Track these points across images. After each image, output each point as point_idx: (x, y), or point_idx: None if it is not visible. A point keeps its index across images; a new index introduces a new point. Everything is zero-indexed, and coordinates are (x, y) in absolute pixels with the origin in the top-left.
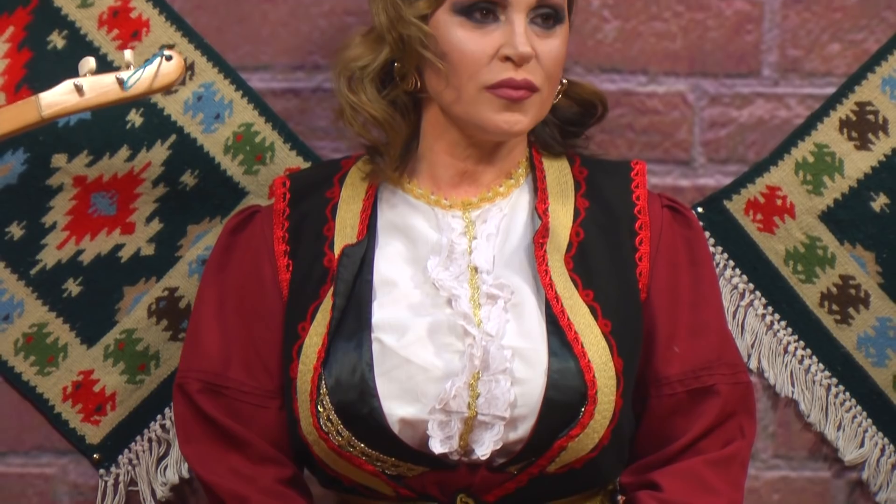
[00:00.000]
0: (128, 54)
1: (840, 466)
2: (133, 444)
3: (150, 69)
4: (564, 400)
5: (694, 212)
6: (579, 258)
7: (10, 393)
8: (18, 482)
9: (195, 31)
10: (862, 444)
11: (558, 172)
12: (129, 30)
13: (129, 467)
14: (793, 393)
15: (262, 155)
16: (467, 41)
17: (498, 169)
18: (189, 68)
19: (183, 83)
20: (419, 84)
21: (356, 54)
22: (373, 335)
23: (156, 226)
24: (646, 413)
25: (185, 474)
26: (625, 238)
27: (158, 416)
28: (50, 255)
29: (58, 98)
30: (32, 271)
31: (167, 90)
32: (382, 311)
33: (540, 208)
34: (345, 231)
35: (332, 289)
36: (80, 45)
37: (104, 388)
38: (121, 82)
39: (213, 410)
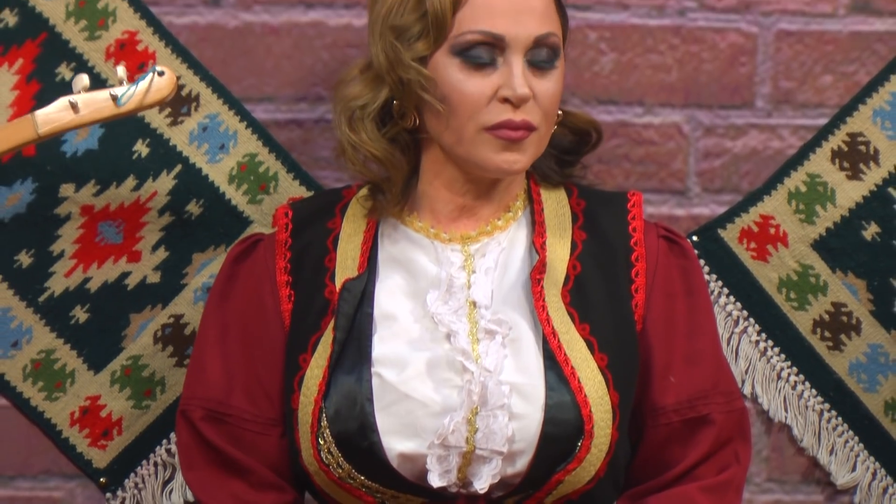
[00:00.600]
0: (120, 70)
1: (832, 490)
2: (139, 468)
3: (142, 85)
4: (561, 435)
5: (689, 240)
6: (576, 292)
7: (18, 418)
8: None
9: (200, 64)
10: (854, 469)
11: (556, 204)
12: (135, 62)
13: (135, 491)
14: (786, 418)
15: (266, 184)
16: (466, 83)
17: (496, 203)
18: (194, 100)
19: (187, 114)
20: (418, 122)
21: (356, 93)
22: (373, 369)
23: (161, 254)
24: (642, 441)
25: (190, 498)
26: (621, 270)
27: (164, 441)
28: (58, 283)
29: (53, 115)
30: (41, 298)
31: (159, 105)
32: (383, 346)
33: (537, 242)
34: (346, 263)
35: (332, 322)
36: (88, 77)
37: (111, 413)
38: (114, 98)
39: (216, 438)
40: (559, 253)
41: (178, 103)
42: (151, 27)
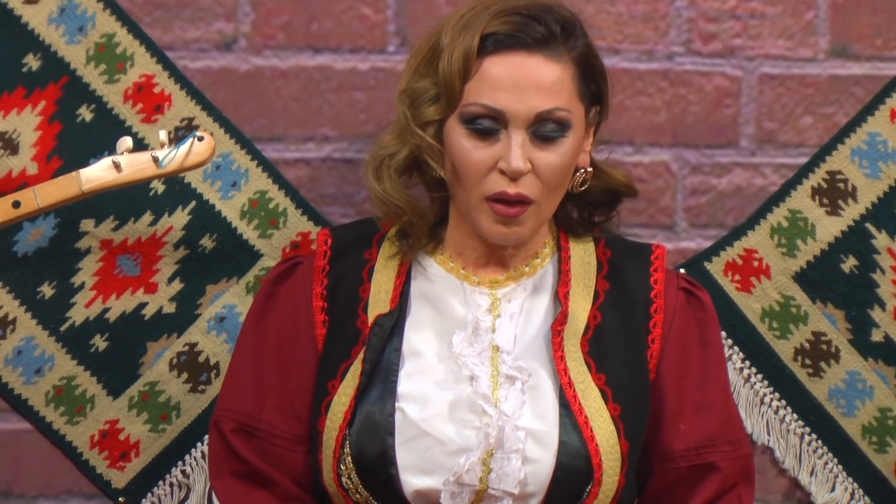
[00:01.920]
0: (162, 134)
1: None
2: (155, 488)
3: (183, 148)
4: (571, 480)
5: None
6: (595, 341)
7: (41, 440)
8: None
9: (213, 105)
10: (833, 489)
11: (583, 253)
12: (152, 104)
13: None
14: (769, 441)
15: (276, 220)
16: (471, 151)
17: (524, 251)
18: None
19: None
20: (442, 175)
21: (386, 142)
22: (397, 404)
23: (177, 286)
24: (650, 482)
25: None
26: (640, 320)
27: (179, 463)
28: (78, 313)
29: (97, 174)
30: (62, 328)
31: (198, 168)
32: (408, 382)
33: (561, 292)
34: (379, 296)
35: (362, 353)
36: (107, 119)
37: (129, 436)
38: (156, 160)
39: (245, 450)
40: (581, 303)
41: None
42: (167, 71)
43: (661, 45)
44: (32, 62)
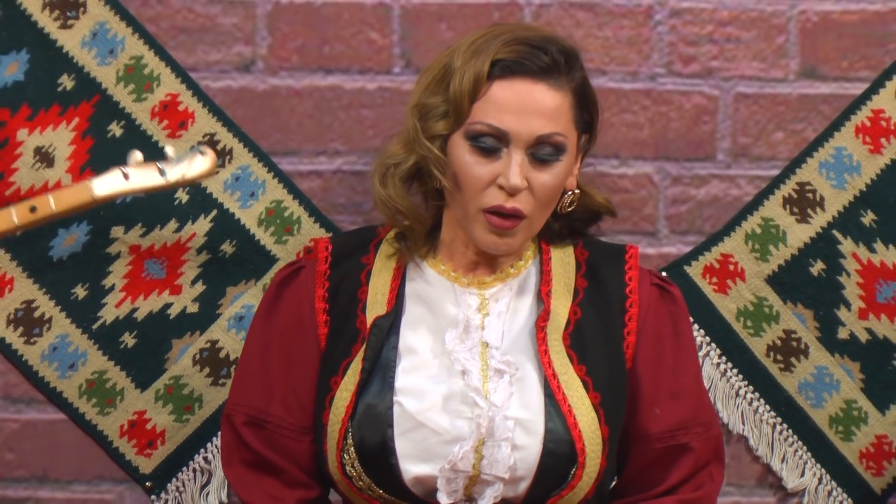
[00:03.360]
0: (169, 150)
1: (784, 493)
2: (180, 473)
3: (185, 162)
4: (557, 464)
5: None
6: (576, 336)
7: (74, 430)
8: None
9: (233, 122)
10: (803, 474)
11: (562, 254)
12: (177, 120)
13: (177, 493)
14: (743, 430)
15: (291, 227)
16: (473, 166)
17: (510, 257)
18: (228, 153)
19: (222, 166)
20: (443, 184)
21: (392, 151)
22: (395, 398)
23: (199, 287)
24: (628, 463)
25: (225, 499)
26: (616, 315)
27: (202, 450)
28: (109, 313)
29: (107, 182)
30: (94, 326)
31: (200, 180)
32: (405, 377)
33: (543, 290)
34: (376, 298)
35: (362, 351)
36: (135, 134)
37: (155, 426)
38: (161, 172)
39: (254, 441)
40: (562, 300)
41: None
42: (191, 90)
43: (644, 67)
44: (67, 82)
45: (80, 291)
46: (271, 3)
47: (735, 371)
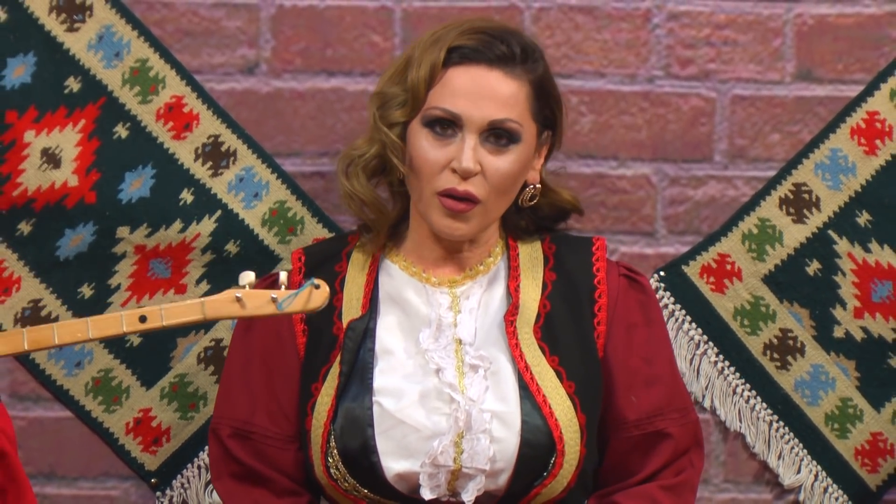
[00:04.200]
0: (282, 276)
1: (780, 490)
2: (185, 470)
3: (302, 295)
4: (536, 454)
5: (657, 275)
6: (546, 328)
7: (81, 427)
8: (88, 503)
9: (237, 123)
10: (799, 471)
11: (530, 250)
12: (182, 122)
13: (182, 490)
14: (740, 427)
15: (294, 227)
16: (428, 150)
17: (478, 250)
18: (232, 154)
19: (226, 167)
20: (404, 176)
21: (356, 144)
22: (374, 398)
23: (204, 287)
24: (608, 451)
25: None
26: (586, 306)
27: (206, 447)
28: (115, 312)
29: (220, 304)
30: None
31: (314, 312)
32: (382, 378)
33: (512, 286)
34: (351, 303)
35: (339, 356)
36: (140, 136)
37: (160, 423)
38: (274, 301)
39: (241, 453)
40: (531, 293)
41: (219, 157)
42: (195, 92)
43: (642, 70)
44: (73, 84)
45: (87, 291)
46: (275, 6)
47: (732, 369)
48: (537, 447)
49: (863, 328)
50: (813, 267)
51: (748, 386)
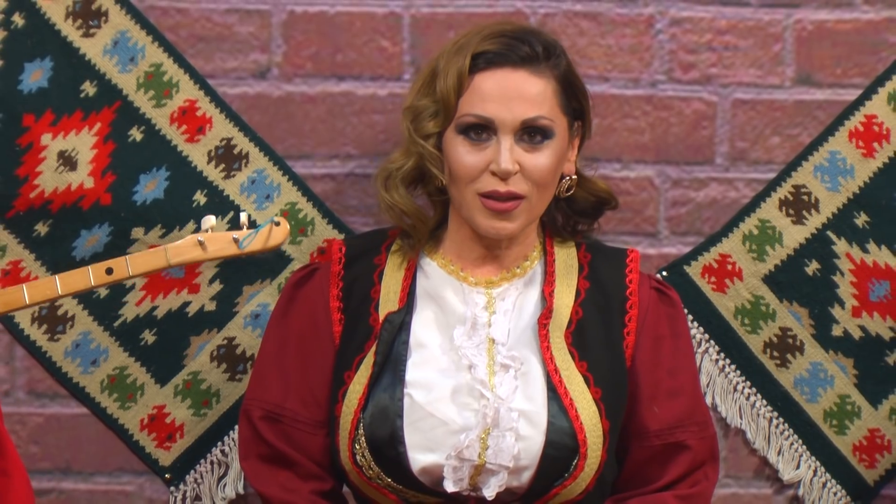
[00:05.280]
0: (243, 216)
1: (780, 485)
2: (198, 465)
3: (262, 232)
4: (560, 455)
5: (659, 275)
6: (577, 334)
7: (97, 424)
8: (103, 497)
9: (249, 127)
10: (798, 467)
11: (566, 256)
12: (195, 125)
13: (195, 485)
14: (741, 424)
15: (305, 228)
16: (466, 156)
17: (515, 251)
18: (244, 157)
19: (238, 169)
20: (443, 183)
21: (394, 157)
22: (405, 390)
23: (217, 286)
24: (628, 459)
25: (241, 490)
26: (616, 316)
27: (219, 443)
28: (130, 311)
29: (183, 249)
30: (116, 324)
31: (275, 250)
32: (415, 371)
33: (547, 290)
34: (388, 296)
35: (374, 347)
36: (155, 139)
37: (174, 420)
38: (236, 241)
39: (270, 435)
40: (565, 300)
41: (231, 160)
42: (209, 97)
43: (645, 74)
44: (89, 89)
45: (102, 290)
46: (286, 12)
47: (733, 367)
48: (561, 448)
49: (861, 327)
50: (812, 267)
51: (749, 383)
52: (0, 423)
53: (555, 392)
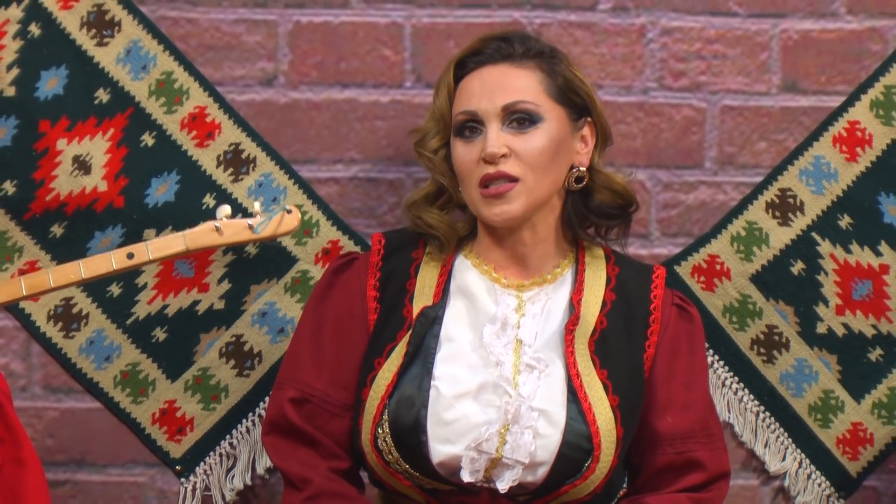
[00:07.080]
0: (257, 205)
1: (766, 476)
2: (207, 458)
3: (275, 219)
4: (574, 455)
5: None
6: (601, 342)
7: (110, 418)
8: (116, 488)
9: (257, 132)
10: (784, 459)
11: (596, 268)
12: (205, 131)
13: (204, 477)
14: (729, 418)
15: (310, 230)
16: (462, 153)
17: (540, 251)
18: (252, 161)
19: (246, 173)
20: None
21: (423, 187)
22: (433, 382)
23: (225, 285)
24: (643, 465)
25: (249, 482)
26: (639, 329)
27: (228, 436)
28: (142, 309)
29: (200, 234)
30: (128, 321)
31: (287, 236)
32: (443, 364)
33: (575, 298)
34: (423, 290)
35: (406, 337)
36: (166, 144)
37: (184, 414)
38: (251, 227)
39: (296, 416)
40: (591, 309)
41: (239, 164)
42: (217, 103)
43: (637, 82)
44: (103, 96)
45: (115, 289)
46: (292, 22)
47: (721, 363)
48: (576, 449)
49: (844, 324)
50: (797, 267)
51: (736, 379)
52: (14, 415)
53: (575, 395)
